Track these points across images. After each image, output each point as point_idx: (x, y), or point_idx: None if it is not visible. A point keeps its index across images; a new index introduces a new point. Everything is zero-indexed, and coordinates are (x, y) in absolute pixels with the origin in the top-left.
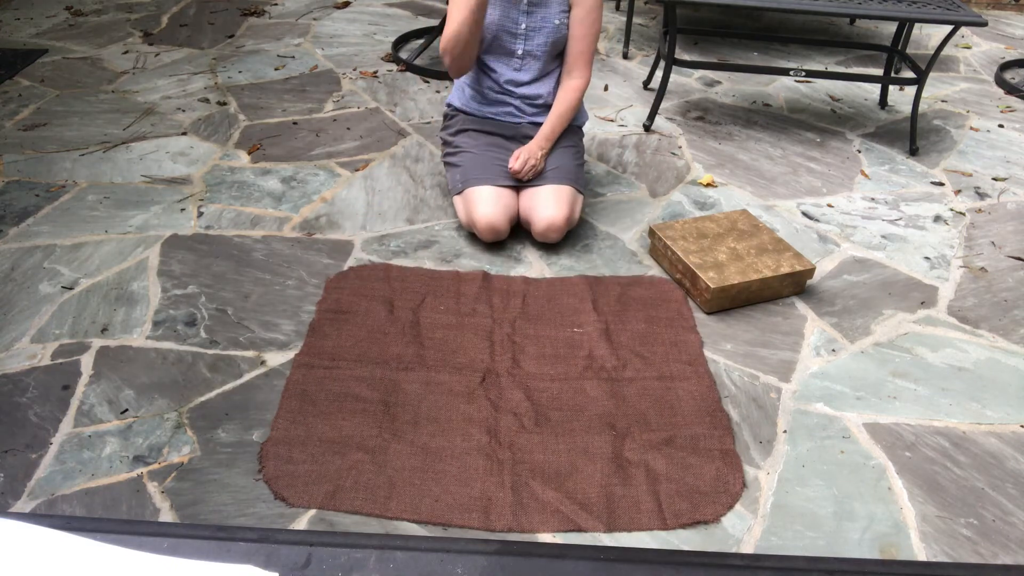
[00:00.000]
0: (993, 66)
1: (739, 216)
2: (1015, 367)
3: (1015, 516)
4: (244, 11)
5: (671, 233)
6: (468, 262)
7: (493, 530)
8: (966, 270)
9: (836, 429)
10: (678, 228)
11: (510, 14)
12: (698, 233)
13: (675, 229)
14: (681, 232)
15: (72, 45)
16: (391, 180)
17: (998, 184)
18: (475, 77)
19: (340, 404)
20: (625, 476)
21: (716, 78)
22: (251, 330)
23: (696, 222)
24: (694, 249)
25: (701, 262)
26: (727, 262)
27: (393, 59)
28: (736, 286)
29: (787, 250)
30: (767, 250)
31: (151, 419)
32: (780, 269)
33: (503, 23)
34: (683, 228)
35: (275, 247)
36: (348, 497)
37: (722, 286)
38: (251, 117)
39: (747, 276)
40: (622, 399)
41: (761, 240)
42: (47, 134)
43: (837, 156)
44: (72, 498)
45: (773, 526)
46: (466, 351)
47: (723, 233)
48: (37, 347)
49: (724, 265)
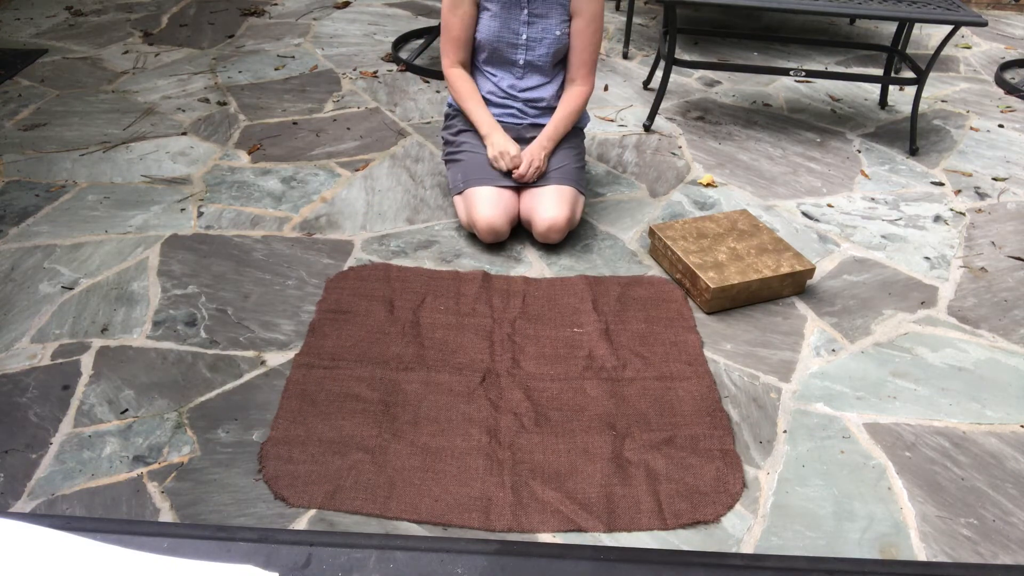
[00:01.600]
0: (993, 66)
1: (739, 216)
2: (1015, 367)
3: (1015, 516)
4: (244, 11)
5: (671, 233)
6: (468, 262)
7: (493, 530)
8: (966, 270)
9: (836, 429)
10: (678, 228)
11: (510, 25)
12: (698, 233)
13: (675, 229)
14: (681, 232)
15: (72, 45)
16: (391, 180)
17: (998, 184)
18: (477, 82)
19: (340, 404)
20: (625, 476)
21: (716, 78)
22: (251, 330)
23: (696, 222)
24: (694, 249)
25: (701, 262)
26: (727, 262)
27: (393, 59)
28: (736, 286)
29: (787, 250)
30: (767, 250)
31: (151, 419)
32: (780, 269)
33: (503, 34)
34: (683, 228)
35: (275, 247)
36: (348, 497)
37: (722, 286)
38: (251, 117)
39: (747, 276)
40: (622, 399)
41: (761, 240)
42: (47, 134)
43: (837, 156)
44: (72, 498)
45: (773, 526)
46: (466, 351)
47: (723, 233)
48: (37, 347)
49: (724, 265)
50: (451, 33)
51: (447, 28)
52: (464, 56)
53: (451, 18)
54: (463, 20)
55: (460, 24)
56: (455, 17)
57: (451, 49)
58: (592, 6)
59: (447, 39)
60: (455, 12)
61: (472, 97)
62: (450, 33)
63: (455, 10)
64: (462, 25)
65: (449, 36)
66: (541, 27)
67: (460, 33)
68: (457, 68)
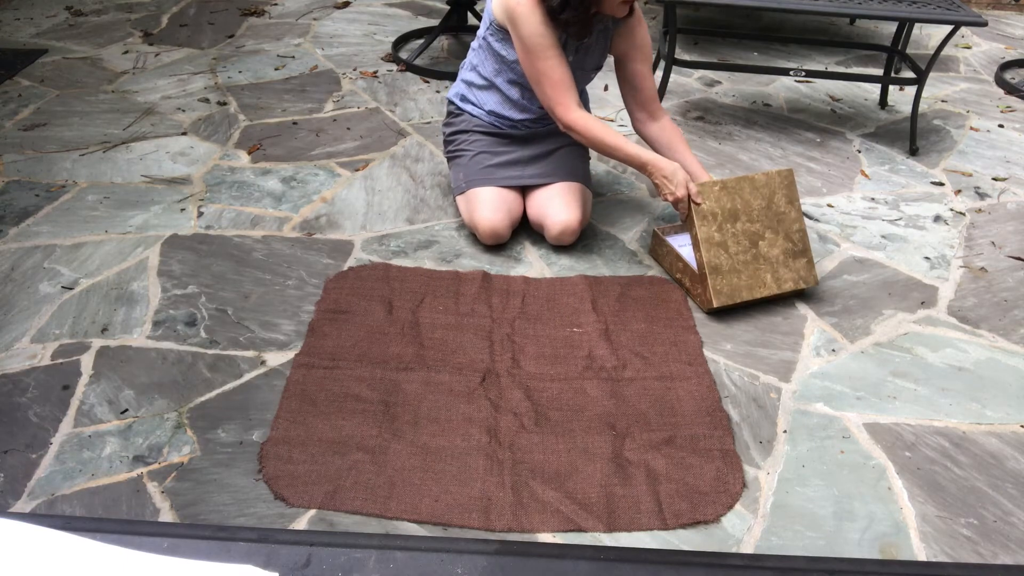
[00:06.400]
0: (993, 66)
1: (779, 184)
2: (1015, 367)
3: (1015, 516)
4: (244, 11)
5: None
6: (468, 262)
7: (493, 530)
8: (966, 270)
9: (836, 429)
10: (712, 197)
11: None
12: (729, 210)
13: (709, 197)
14: (712, 206)
15: (72, 45)
16: (391, 180)
17: (998, 184)
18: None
19: (340, 404)
20: (625, 476)
21: (716, 78)
22: (251, 330)
23: (736, 185)
24: (716, 239)
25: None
26: (741, 266)
27: (393, 59)
28: (739, 304)
29: (803, 255)
30: (786, 251)
31: (151, 419)
32: (784, 286)
33: None
34: (718, 198)
35: (275, 247)
36: (348, 497)
37: (725, 305)
38: (251, 117)
39: (753, 293)
40: (622, 399)
41: (787, 230)
42: (47, 134)
43: (837, 156)
44: (72, 498)
45: (773, 526)
46: (466, 351)
47: (755, 212)
48: (37, 347)
49: (736, 271)
50: (553, 78)
51: (545, 77)
52: (578, 96)
53: (542, 65)
54: (559, 60)
55: (558, 65)
56: (547, 61)
57: (561, 95)
58: (645, 45)
59: (551, 86)
60: (546, 59)
61: (620, 140)
62: (552, 79)
63: (545, 57)
64: (561, 65)
65: (552, 82)
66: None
67: (564, 74)
68: (582, 111)
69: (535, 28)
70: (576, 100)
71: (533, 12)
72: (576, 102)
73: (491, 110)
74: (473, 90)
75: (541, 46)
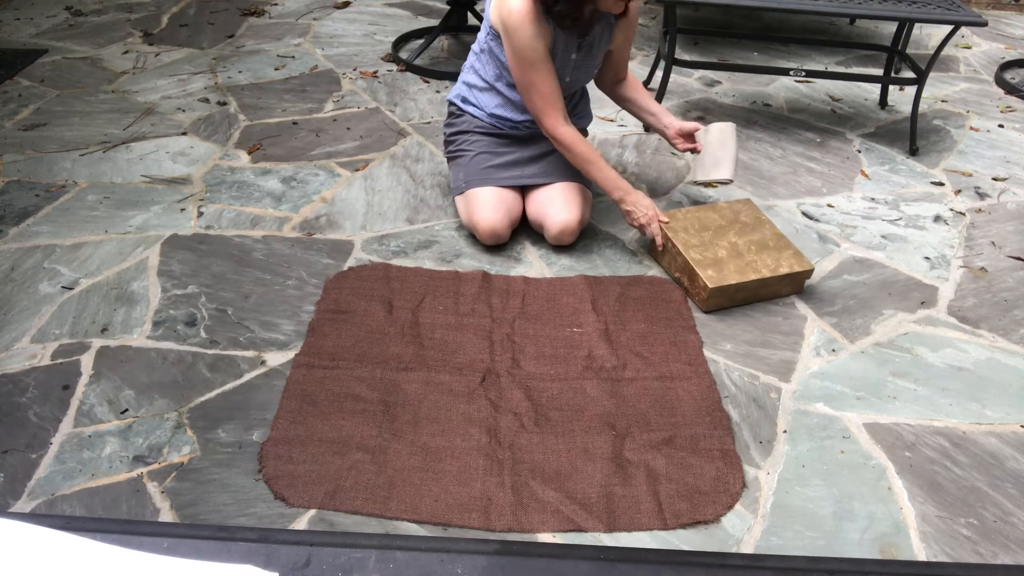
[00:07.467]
0: (993, 66)
1: (742, 207)
2: (1015, 367)
3: (1015, 516)
4: (244, 11)
5: (673, 224)
6: (468, 262)
7: (493, 530)
8: (966, 270)
9: (836, 429)
10: (680, 218)
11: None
12: (700, 225)
13: (677, 219)
14: (683, 222)
15: (72, 45)
16: (391, 180)
17: (998, 184)
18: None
19: (340, 404)
20: (625, 476)
21: (716, 78)
22: (251, 330)
23: (699, 211)
24: (695, 243)
25: (701, 258)
26: (727, 259)
27: (393, 59)
28: (734, 285)
29: (787, 248)
30: (768, 247)
31: (151, 419)
32: (779, 269)
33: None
34: (685, 218)
35: (275, 247)
36: (348, 497)
37: (720, 286)
38: (251, 117)
39: (745, 275)
40: (622, 399)
41: (763, 235)
42: (47, 134)
43: (837, 156)
44: (72, 498)
45: (773, 526)
46: (466, 351)
47: (725, 226)
48: (37, 347)
49: (723, 262)
50: (543, 91)
51: (534, 88)
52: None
53: (533, 77)
54: (549, 73)
55: (548, 78)
56: (537, 74)
57: (550, 108)
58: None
59: (540, 98)
60: (536, 71)
61: (598, 161)
62: (541, 91)
63: (535, 69)
64: (550, 78)
65: (541, 94)
66: (583, 67)
67: (553, 87)
68: (569, 127)
69: (527, 40)
70: (563, 113)
71: (525, 24)
72: (563, 115)
73: (492, 112)
74: (474, 92)
75: (532, 59)
